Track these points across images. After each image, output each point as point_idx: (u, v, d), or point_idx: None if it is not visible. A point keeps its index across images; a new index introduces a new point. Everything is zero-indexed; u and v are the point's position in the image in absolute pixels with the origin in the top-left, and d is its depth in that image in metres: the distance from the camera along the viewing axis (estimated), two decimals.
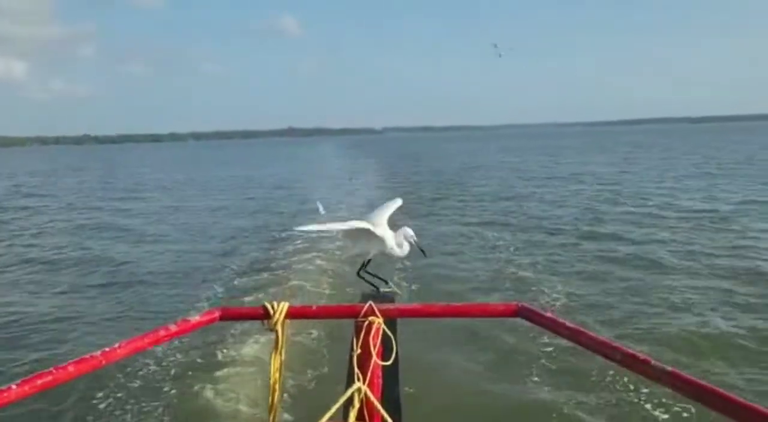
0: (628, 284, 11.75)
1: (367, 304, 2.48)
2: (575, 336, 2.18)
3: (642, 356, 1.90)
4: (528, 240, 15.96)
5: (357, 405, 2.32)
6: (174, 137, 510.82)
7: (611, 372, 7.04)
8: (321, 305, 2.70)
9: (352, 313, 2.51)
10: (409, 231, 3.05)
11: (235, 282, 12.22)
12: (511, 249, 14.77)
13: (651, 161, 48.01)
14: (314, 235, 15.54)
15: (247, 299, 10.42)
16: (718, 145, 73.30)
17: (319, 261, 13.57)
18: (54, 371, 1.87)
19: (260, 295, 10.48)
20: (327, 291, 10.81)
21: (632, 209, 20.69)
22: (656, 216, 19.04)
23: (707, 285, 11.45)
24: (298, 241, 15.88)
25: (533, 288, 11.37)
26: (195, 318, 2.47)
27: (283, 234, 17.62)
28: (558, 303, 10.42)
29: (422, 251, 3.13)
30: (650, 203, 22.06)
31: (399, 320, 2.62)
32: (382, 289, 2.91)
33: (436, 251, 14.13)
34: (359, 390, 2.33)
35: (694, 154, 55.34)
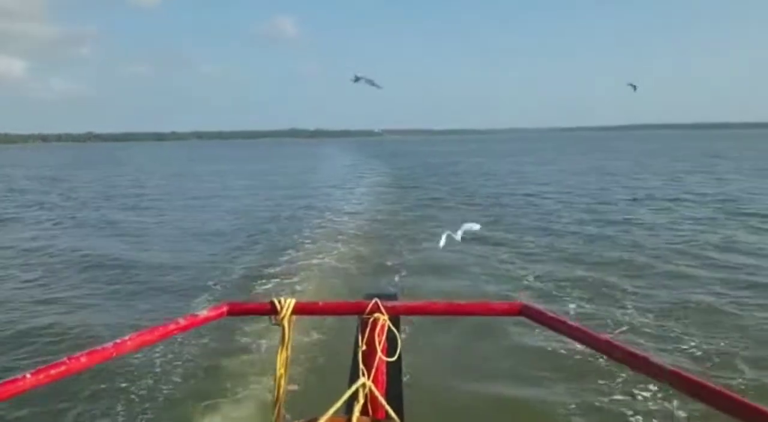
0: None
1: (373, 301, 2.51)
2: (577, 334, 2.21)
3: (641, 354, 1.94)
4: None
5: (361, 400, 2.35)
6: (176, 136, 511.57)
7: (612, 370, 7.12)
8: (327, 301, 2.72)
9: (357, 310, 2.54)
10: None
11: (241, 279, 12.45)
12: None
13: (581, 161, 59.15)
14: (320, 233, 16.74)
15: (252, 295, 10.64)
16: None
17: (323, 260, 13.85)
18: (67, 361, 1.91)
19: (266, 291, 10.73)
20: (330, 289, 10.93)
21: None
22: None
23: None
24: (305, 239, 16.67)
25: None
26: (203, 313, 2.50)
27: (290, 232, 18.24)
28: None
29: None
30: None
31: (402, 317, 2.65)
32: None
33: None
34: (364, 385, 2.37)
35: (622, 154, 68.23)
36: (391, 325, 2.52)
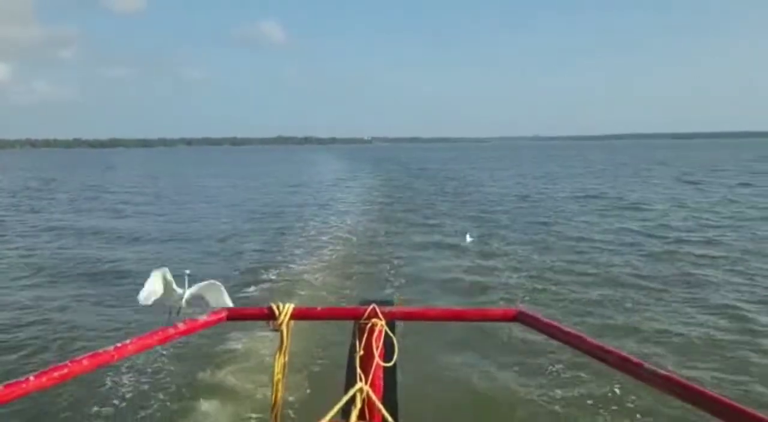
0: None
1: (371, 307, 2.54)
2: (572, 340, 2.24)
3: (635, 360, 1.97)
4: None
5: (359, 404, 2.38)
6: (164, 142, 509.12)
7: (606, 376, 7.15)
8: (325, 307, 2.74)
9: (355, 315, 2.57)
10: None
11: (240, 283, 12.48)
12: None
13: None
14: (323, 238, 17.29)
15: (250, 300, 10.65)
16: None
17: (320, 265, 13.86)
18: (70, 364, 1.93)
19: (263, 296, 10.75)
20: (327, 294, 10.95)
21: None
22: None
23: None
24: (301, 243, 16.98)
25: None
26: (202, 317, 2.53)
27: (287, 237, 18.43)
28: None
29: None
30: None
31: (399, 322, 2.67)
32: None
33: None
34: (361, 390, 2.39)
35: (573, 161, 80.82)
36: (388, 330, 2.55)
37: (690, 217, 22.94)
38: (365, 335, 2.51)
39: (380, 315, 2.53)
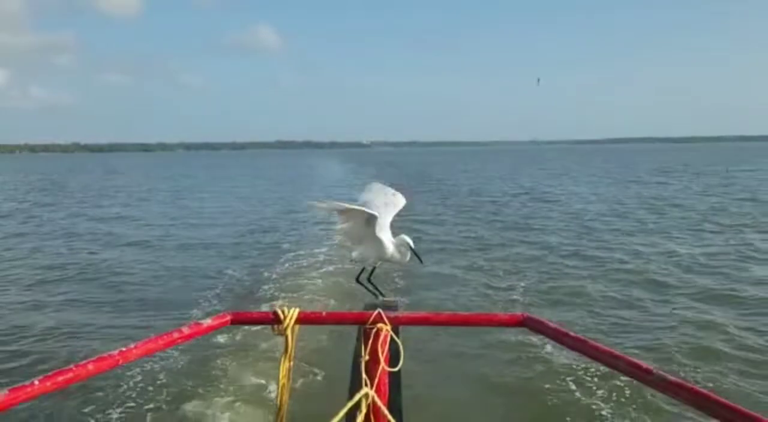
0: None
1: (376, 311, 2.52)
2: (579, 345, 2.22)
3: (645, 365, 1.95)
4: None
5: (364, 410, 2.34)
6: (163, 147, 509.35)
7: (615, 382, 7.04)
8: (330, 311, 2.72)
9: (360, 320, 2.55)
10: (407, 239, 2.99)
11: (245, 287, 12.44)
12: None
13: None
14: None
15: (255, 303, 10.63)
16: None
17: (324, 268, 13.84)
18: (74, 368, 1.92)
19: (268, 300, 10.72)
20: (330, 298, 10.91)
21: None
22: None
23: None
24: (305, 248, 16.62)
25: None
26: (207, 321, 2.51)
27: (291, 241, 18.41)
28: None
29: (419, 258, 3.02)
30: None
31: (403, 327, 2.66)
32: (379, 298, 2.92)
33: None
34: (366, 395, 2.35)
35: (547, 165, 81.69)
36: (393, 335, 2.53)
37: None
38: (370, 340, 2.49)
39: (385, 320, 2.51)
